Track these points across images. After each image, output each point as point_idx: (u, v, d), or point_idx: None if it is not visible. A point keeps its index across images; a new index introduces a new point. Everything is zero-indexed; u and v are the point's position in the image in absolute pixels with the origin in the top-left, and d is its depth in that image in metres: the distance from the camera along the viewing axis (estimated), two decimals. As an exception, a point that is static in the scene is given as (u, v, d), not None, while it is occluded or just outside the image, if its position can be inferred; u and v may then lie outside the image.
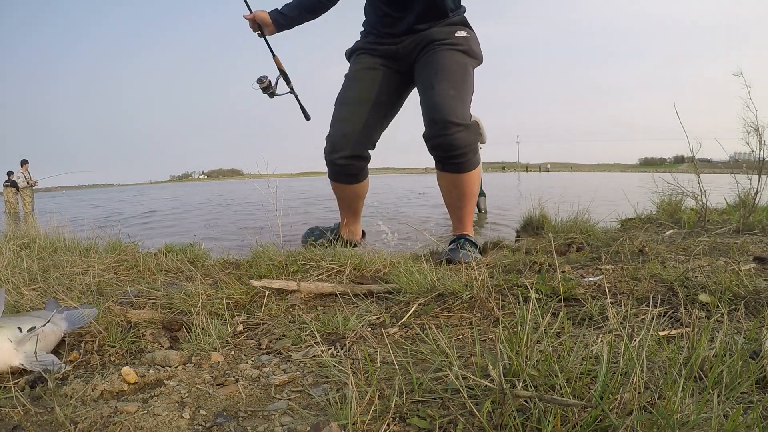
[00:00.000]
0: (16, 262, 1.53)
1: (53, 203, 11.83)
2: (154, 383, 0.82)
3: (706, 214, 2.35)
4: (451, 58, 1.90)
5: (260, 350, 0.99)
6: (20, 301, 1.20)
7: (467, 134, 1.80)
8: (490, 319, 1.06)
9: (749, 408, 0.62)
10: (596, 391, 0.60)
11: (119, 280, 1.56)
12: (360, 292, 1.29)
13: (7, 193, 11.40)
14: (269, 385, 0.81)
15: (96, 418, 0.68)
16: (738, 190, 2.62)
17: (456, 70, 1.87)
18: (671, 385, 0.62)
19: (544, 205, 2.66)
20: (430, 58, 1.92)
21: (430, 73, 1.88)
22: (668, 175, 2.90)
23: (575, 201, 2.47)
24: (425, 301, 1.16)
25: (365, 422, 0.64)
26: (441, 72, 1.85)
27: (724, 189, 2.76)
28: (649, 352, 0.74)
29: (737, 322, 0.97)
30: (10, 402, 0.74)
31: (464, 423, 0.63)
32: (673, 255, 1.63)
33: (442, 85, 1.82)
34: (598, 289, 1.21)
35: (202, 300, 1.20)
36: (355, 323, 1.04)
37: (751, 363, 0.71)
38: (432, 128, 1.81)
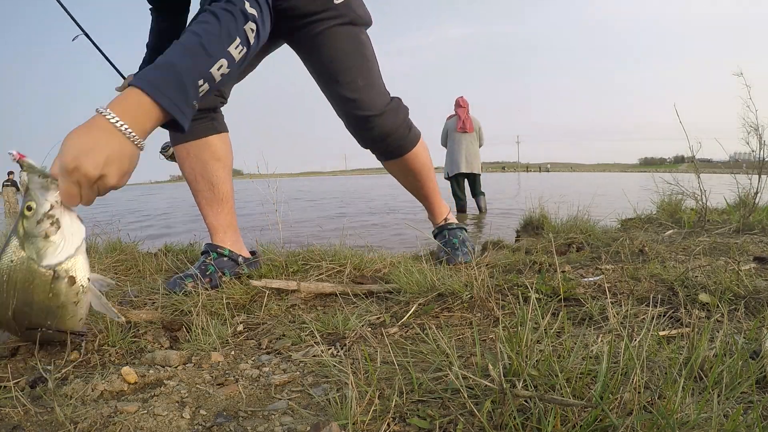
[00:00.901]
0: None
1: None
2: (154, 383, 0.82)
3: (706, 214, 2.35)
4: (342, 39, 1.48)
5: (260, 350, 0.99)
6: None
7: (392, 117, 1.56)
8: (490, 319, 1.06)
9: (749, 408, 0.62)
10: (596, 391, 0.60)
11: (119, 280, 1.56)
12: (360, 291, 1.29)
13: (7, 193, 11.40)
14: (269, 385, 0.81)
15: (96, 418, 0.68)
16: (738, 190, 2.62)
17: (354, 52, 1.50)
18: (671, 384, 0.62)
19: (544, 205, 2.66)
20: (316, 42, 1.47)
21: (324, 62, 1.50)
22: (668, 175, 2.90)
23: (575, 201, 2.47)
24: (425, 301, 1.16)
25: (365, 422, 0.64)
26: (338, 60, 1.49)
27: (725, 189, 2.76)
28: (649, 352, 0.74)
29: (737, 322, 0.97)
30: (10, 402, 0.74)
31: (464, 423, 0.63)
32: (673, 255, 1.63)
33: (345, 76, 1.49)
34: (598, 289, 1.21)
35: (202, 300, 1.20)
36: (355, 323, 1.04)
37: (751, 363, 0.71)
38: (354, 126, 1.57)
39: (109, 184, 0.85)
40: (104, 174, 0.83)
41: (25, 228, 0.80)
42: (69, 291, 0.83)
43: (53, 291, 0.81)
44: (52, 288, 0.81)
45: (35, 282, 0.81)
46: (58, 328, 0.86)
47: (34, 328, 0.86)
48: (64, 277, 0.82)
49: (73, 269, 0.83)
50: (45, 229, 0.79)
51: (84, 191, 0.82)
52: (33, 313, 0.84)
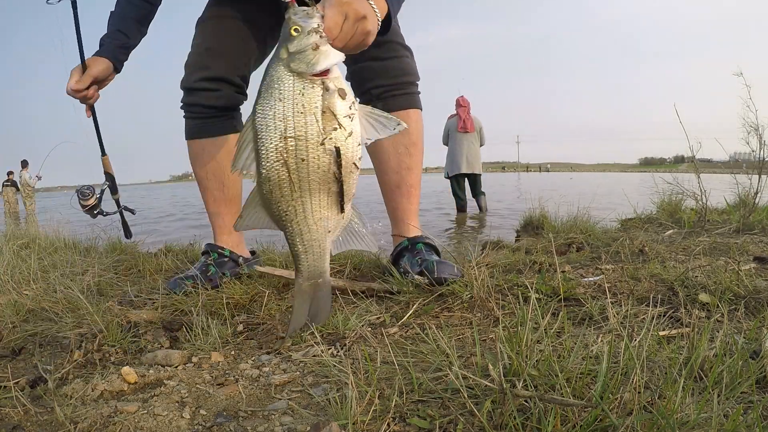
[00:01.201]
0: (17, 262, 1.53)
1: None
2: (154, 383, 0.82)
3: (706, 214, 2.35)
4: None
5: (260, 350, 0.99)
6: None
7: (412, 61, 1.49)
8: (490, 319, 1.06)
9: (749, 408, 0.62)
10: (596, 390, 0.60)
11: (119, 280, 1.56)
12: (359, 290, 1.29)
13: (6, 193, 11.40)
14: (269, 385, 0.81)
15: (96, 418, 0.68)
16: (738, 189, 2.62)
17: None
18: (671, 384, 0.62)
19: (544, 205, 2.66)
20: None
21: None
22: (668, 175, 2.91)
23: (575, 201, 2.47)
24: (425, 301, 1.16)
25: (365, 422, 0.64)
26: None
27: (724, 189, 2.76)
28: (649, 352, 0.74)
29: (737, 321, 0.97)
30: (10, 402, 0.74)
31: (464, 423, 0.63)
32: (673, 255, 1.63)
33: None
34: (598, 289, 1.21)
35: (202, 300, 1.20)
36: (355, 323, 1.04)
37: (751, 363, 0.71)
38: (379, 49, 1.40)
39: (368, 28, 0.92)
40: (367, 16, 0.90)
41: (290, 49, 0.80)
42: (342, 105, 0.81)
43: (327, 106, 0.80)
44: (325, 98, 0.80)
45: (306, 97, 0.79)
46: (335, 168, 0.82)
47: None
48: (334, 89, 0.81)
49: (341, 82, 0.83)
50: (314, 41, 0.80)
51: (346, 25, 0.87)
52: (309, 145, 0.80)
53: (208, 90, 1.47)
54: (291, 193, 0.82)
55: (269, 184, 0.82)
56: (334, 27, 0.85)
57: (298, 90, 0.79)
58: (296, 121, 0.79)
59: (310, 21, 0.82)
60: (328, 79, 0.82)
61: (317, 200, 0.84)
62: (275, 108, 0.79)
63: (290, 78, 0.79)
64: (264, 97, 0.81)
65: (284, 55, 0.81)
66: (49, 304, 1.17)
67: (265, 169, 0.81)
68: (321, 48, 0.81)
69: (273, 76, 0.80)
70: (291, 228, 0.87)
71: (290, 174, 0.80)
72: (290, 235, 0.88)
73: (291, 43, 0.80)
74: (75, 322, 1.08)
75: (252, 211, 0.88)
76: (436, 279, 1.21)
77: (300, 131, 0.79)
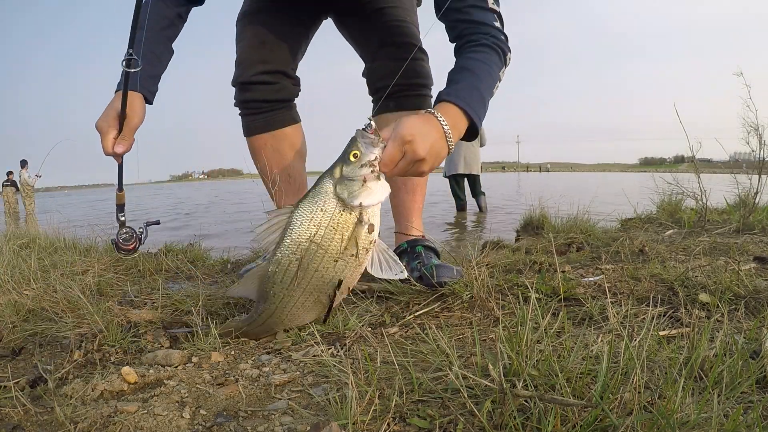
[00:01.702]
0: (17, 262, 1.53)
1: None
2: (154, 383, 0.82)
3: (706, 214, 2.35)
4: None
5: (260, 350, 0.99)
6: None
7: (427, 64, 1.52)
8: (491, 319, 1.06)
9: (749, 408, 0.62)
10: (596, 390, 0.60)
11: (119, 279, 1.56)
12: (359, 289, 1.29)
13: (6, 193, 11.41)
14: (269, 385, 0.81)
15: (96, 418, 0.68)
16: (738, 189, 2.62)
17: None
18: (671, 384, 0.62)
19: (544, 205, 2.66)
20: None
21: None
22: (668, 175, 2.90)
23: (575, 201, 2.47)
24: (425, 301, 1.16)
25: (365, 422, 0.64)
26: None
27: (724, 189, 2.76)
28: (649, 352, 0.74)
29: (737, 321, 0.97)
30: (10, 402, 0.74)
31: (464, 423, 0.63)
32: (673, 255, 1.63)
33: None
34: (598, 288, 1.21)
35: (202, 300, 1.20)
36: (355, 323, 1.04)
37: (751, 363, 0.71)
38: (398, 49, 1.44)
39: (423, 169, 0.96)
40: (425, 159, 0.94)
41: (344, 172, 0.88)
42: (365, 238, 0.89)
43: (354, 233, 0.88)
44: (355, 229, 0.88)
45: (342, 218, 0.88)
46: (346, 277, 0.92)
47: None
48: (366, 222, 0.89)
49: (375, 219, 0.90)
50: (365, 174, 0.87)
51: (402, 163, 0.92)
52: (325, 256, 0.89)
53: (267, 83, 1.46)
54: (289, 284, 0.92)
55: (278, 266, 0.91)
56: (389, 162, 0.90)
57: (338, 211, 0.88)
58: (325, 233, 0.88)
59: (370, 151, 0.89)
60: (366, 212, 0.89)
61: (303, 299, 0.93)
62: (315, 214, 0.88)
63: (334, 198, 0.88)
64: (310, 200, 0.90)
65: (337, 174, 0.89)
66: (49, 304, 1.17)
67: (282, 254, 0.90)
68: (368, 184, 0.88)
69: (323, 188, 0.89)
70: (267, 306, 0.96)
71: (298, 270, 0.90)
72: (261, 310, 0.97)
73: (346, 167, 0.89)
74: (75, 322, 1.08)
75: (251, 281, 0.97)
76: (436, 283, 1.21)
77: (325, 242, 0.89)
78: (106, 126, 1.14)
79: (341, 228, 0.88)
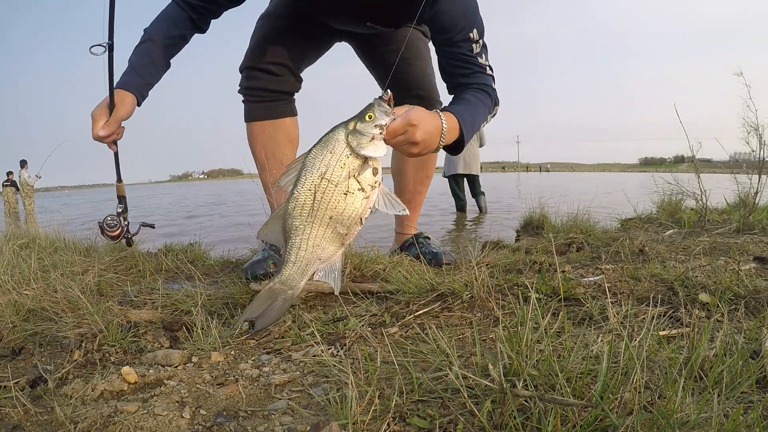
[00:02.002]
0: (17, 262, 1.53)
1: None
2: (154, 383, 0.82)
3: (706, 214, 2.35)
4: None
5: (260, 350, 0.99)
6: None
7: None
8: (491, 319, 1.06)
9: (749, 408, 0.62)
10: (596, 390, 0.60)
11: (119, 279, 1.56)
12: (360, 291, 1.29)
13: (6, 193, 11.41)
14: (269, 385, 0.81)
15: (96, 417, 0.68)
16: (738, 189, 2.62)
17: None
18: (671, 384, 0.62)
19: (544, 205, 2.66)
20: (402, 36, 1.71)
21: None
22: (668, 175, 2.90)
23: (575, 201, 2.47)
24: (425, 301, 1.16)
25: (365, 422, 0.64)
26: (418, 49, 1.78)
27: (725, 189, 2.76)
28: (649, 352, 0.74)
29: (737, 321, 0.97)
30: (10, 402, 0.74)
31: (464, 423, 0.63)
32: (673, 255, 1.63)
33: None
34: (598, 288, 1.21)
35: (202, 300, 1.20)
36: (355, 323, 1.04)
37: (751, 363, 0.71)
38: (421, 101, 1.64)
39: (412, 151, 1.13)
40: (418, 143, 1.10)
41: (357, 127, 1.02)
42: (370, 177, 1.03)
43: (360, 172, 1.01)
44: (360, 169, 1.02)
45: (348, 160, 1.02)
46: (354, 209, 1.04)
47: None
48: (371, 165, 1.03)
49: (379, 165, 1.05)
50: (374, 133, 1.02)
51: (398, 138, 1.07)
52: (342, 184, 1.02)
53: (272, 74, 1.57)
54: (307, 215, 1.03)
55: (295, 202, 1.02)
56: (392, 132, 1.05)
57: (346, 153, 1.01)
58: (334, 171, 1.01)
59: (382, 117, 1.03)
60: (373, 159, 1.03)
61: (323, 231, 1.03)
62: (324, 156, 1.01)
63: (344, 144, 1.02)
64: (321, 144, 1.03)
65: (351, 126, 1.02)
66: (49, 304, 1.17)
67: (298, 191, 1.02)
68: (375, 141, 1.03)
69: (334, 135, 1.02)
70: (292, 240, 1.04)
71: (313, 202, 1.01)
72: (289, 246, 1.05)
73: (360, 123, 1.03)
74: (75, 322, 1.08)
75: (275, 222, 1.07)
76: (445, 264, 1.59)
77: (334, 178, 1.01)
78: (97, 114, 1.27)
79: (348, 167, 1.02)
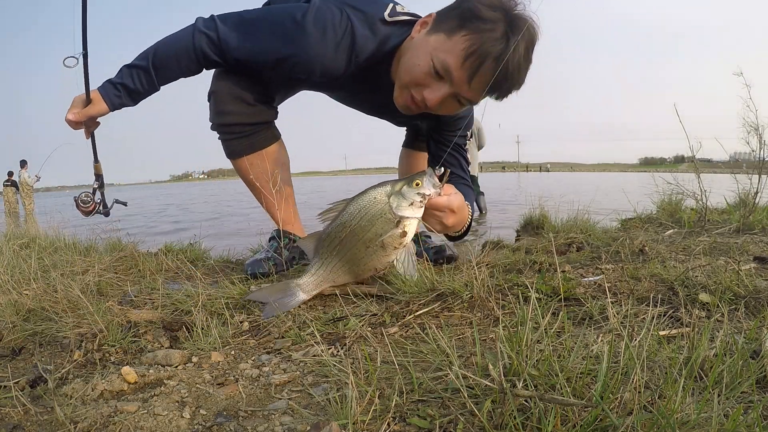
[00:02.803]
0: (17, 262, 1.53)
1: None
2: (154, 383, 0.82)
3: (706, 214, 2.35)
4: None
5: (260, 350, 0.99)
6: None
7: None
8: (491, 319, 1.06)
9: (750, 408, 0.62)
10: (596, 390, 0.60)
11: (119, 279, 1.56)
12: (360, 292, 1.29)
13: (7, 193, 11.41)
14: (269, 385, 0.81)
15: (96, 417, 0.68)
16: (738, 189, 2.62)
17: None
18: (671, 384, 0.62)
19: (544, 205, 2.66)
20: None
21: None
22: (668, 175, 2.90)
23: (575, 201, 2.47)
24: (425, 300, 1.16)
25: (365, 422, 0.64)
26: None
27: (725, 189, 2.75)
28: (649, 352, 0.74)
29: (737, 321, 0.97)
30: (10, 402, 0.74)
31: (464, 422, 0.63)
32: (674, 255, 1.63)
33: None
34: (599, 288, 1.21)
35: (202, 300, 1.20)
36: (355, 323, 1.04)
37: (752, 363, 0.71)
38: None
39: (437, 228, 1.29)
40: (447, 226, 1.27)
41: (403, 191, 1.16)
42: (398, 238, 1.18)
43: (390, 231, 1.17)
44: (391, 228, 1.17)
45: (383, 218, 1.17)
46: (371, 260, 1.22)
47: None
48: (402, 228, 1.17)
49: (410, 229, 1.19)
50: (417, 200, 1.16)
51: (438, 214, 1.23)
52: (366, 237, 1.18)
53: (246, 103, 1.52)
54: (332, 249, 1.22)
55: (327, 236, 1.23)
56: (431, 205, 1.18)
57: (384, 212, 1.17)
58: (366, 222, 1.18)
59: (429, 188, 1.17)
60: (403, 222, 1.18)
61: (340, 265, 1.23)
62: (364, 208, 1.18)
63: (382, 204, 1.17)
64: (365, 195, 1.18)
65: (397, 188, 1.17)
66: (49, 304, 1.17)
67: (332, 228, 1.22)
68: (414, 207, 1.17)
69: (377, 192, 1.18)
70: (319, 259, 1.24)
71: (342, 239, 1.21)
72: (315, 261, 1.25)
73: (405, 187, 1.17)
74: (75, 322, 1.07)
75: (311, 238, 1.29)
76: (448, 257, 1.68)
77: (364, 228, 1.18)
78: (76, 101, 1.46)
79: (380, 226, 1.17)
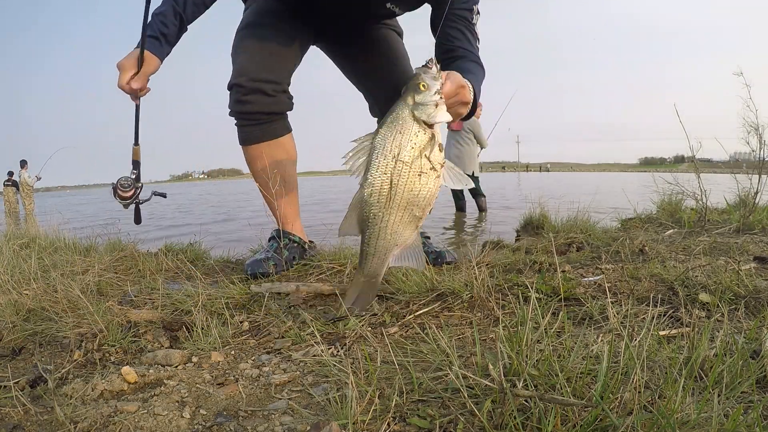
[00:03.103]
0: (17, 262, 1.53)
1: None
2: (154, 383, 0.82)
3: (706, 214, 2.35)
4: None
5: (260, 350, 0.99)
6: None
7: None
8: (491, 319, 1.06)
9: (749, 407, 0.62)
10: (596, 390, 0.60)
11: (119, 279, 1.56)
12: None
13: (7, 193, 11.41)
14: (269, 385, 0.81)
15: (96, 417, 0.68)
16: (738, 189, 2.62)
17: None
18: (671, 384, 0.62)
19: (545, 205, 2.66)
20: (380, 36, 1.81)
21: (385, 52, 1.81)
22: (668, 175, 2.90)
23: (576, 200, 2.47)
24: (425, 300, 1.16)
25: (365, 422, 0.64)
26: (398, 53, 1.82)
27: (725, 189, 2.75)
28: (649, 352, 0.74)
29: (737, 321, 0.97)
30: (10, 402, 0.74)
31: (464, 422, 0.63)
32: (674, 255, 1.63)
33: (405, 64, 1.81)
34: (599, 288, 1.21)
35: (202, 300, 1.20)
36: (355, 323, 1.04)
37: (751, 362, 0.71)
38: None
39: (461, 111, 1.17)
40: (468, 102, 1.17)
41: (417, 99, 1.02)
42: (438, 155, 1.04)
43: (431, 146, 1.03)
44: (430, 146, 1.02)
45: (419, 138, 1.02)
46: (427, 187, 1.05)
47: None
48: (438, 141, 1.04)
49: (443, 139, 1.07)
50: (436, 100, 1.03)
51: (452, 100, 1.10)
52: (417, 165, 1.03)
53: (266, 94, 1.53)
54: (385, 202, 1.03)
55: (371, 188, 1.02)
56: (447, 94, 1.07)
57: (415, 131, 1.02)
58: (407, 152, 1.01)
59: (435, 83, 1.04)
60: (436, 132, 1.04)
61: (400, 216, 1.04)
62: (395, 137, 1.01)
63: (412, 120, 1.02)
64: (387, 125, 1.03)
65: (410, 101, 1.03)
66: (49, 304, 1.17)
67: (373, 177, 1.02)
68: (440, 107, 1.04)
69: (399, 114, 1.03)
70: (371, 230, 1.06)
71: (390, 187, 1.02)
72: (367, 238, 1.06)
73: (418, 95, 1.03)
74: (75, 321, 1.07)
75: (352, 212, 1.07)
76: (447, 262, 1.62)
77: (408, 159, 1.01)
78: (127, 65, 1.34)
79: (420, 145, 1.03)
